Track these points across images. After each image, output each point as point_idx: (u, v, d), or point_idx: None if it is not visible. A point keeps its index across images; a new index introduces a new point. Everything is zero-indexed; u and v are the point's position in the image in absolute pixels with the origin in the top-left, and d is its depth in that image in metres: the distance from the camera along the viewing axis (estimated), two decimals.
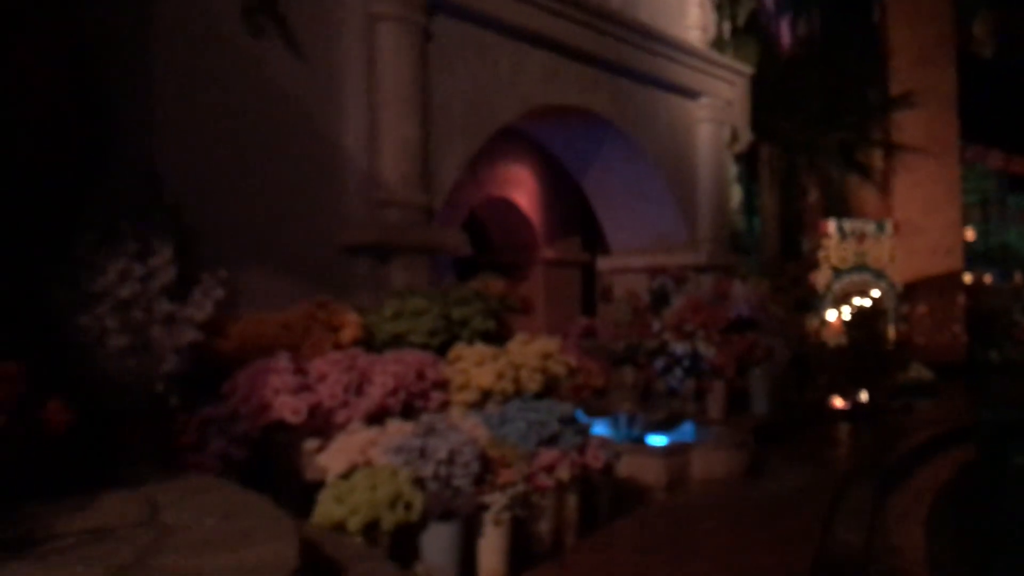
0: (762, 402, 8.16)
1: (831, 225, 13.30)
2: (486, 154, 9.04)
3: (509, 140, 9.00)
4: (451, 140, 5.80)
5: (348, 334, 4.52)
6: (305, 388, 3.94)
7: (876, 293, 13.15)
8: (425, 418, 4.12)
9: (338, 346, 4.51)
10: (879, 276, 13.26)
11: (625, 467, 5.72)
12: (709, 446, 6.12)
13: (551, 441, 4.61)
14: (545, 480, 4.36)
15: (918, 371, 12.76)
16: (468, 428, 4.35)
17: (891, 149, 14.57)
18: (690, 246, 8.79)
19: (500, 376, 4.88)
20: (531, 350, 5.24)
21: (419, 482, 3.75)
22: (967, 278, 17.30)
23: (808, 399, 9.77)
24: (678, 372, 7.89)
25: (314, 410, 3.92)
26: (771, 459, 6.80)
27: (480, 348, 4.94)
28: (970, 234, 22.38)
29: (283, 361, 3.96)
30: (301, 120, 5.03)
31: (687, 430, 6.85)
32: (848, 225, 13.42)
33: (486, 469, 4.00)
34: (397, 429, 4.06)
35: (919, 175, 15.36)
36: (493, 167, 9.16)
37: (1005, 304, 18.53)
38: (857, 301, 13.16)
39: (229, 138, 4.69)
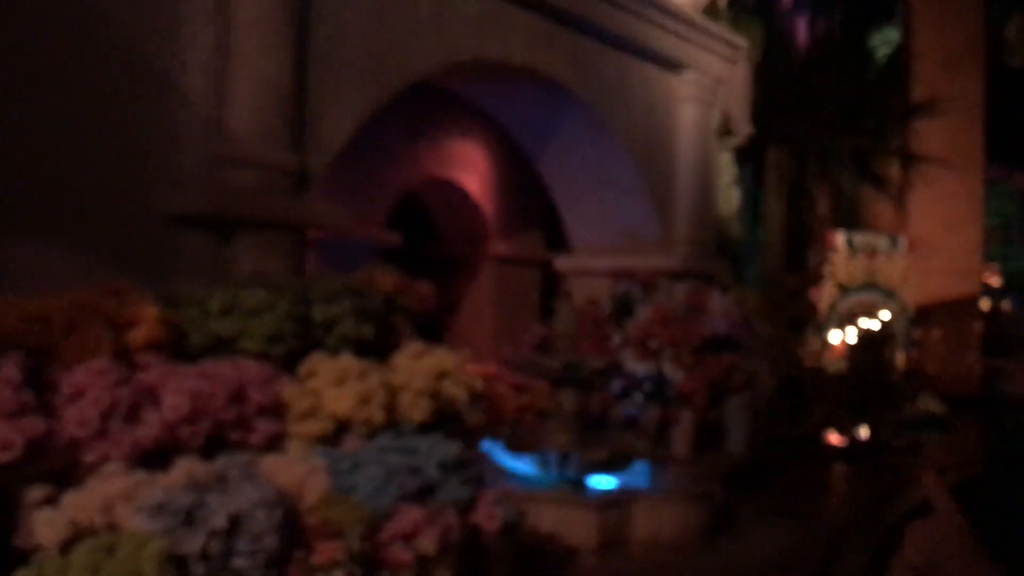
0: (739, 438, 7.07)
1: (839, 238, 12.54)
2: (426, 124, 7.96)
3: (455, 110, 7.90)
4: (341, 88, 4.68)
5: (142, 334, 3.39)
6: (35, 409, 2.79)
7: (885, 315, 12.44)
8: (222, 461, 2.97)
9: (126, 350, 3.35)
10: (889, 296, 12.58)
11: (548, 521, 4.66)
12: (658, 497, 5.00)
13: (423, 495, 3.48)
14: (401, 553, 3.23)
15: (927, 403, 11.97)
16: (296, 476, 3.21)
17: (910, 160, 14.08)
18: (663, 247, 7.68)
19: (365, 400, 3.77)
20: (423, 367, 4.14)
21: (180, 562, 2.59)
22: (984, 304, 16.61)
23: (800, 434, 8.68)
24: (638, 397, 6.79)
25: (45, 443, 2.77)
26: (743, 512, 5.75)
27: (345, 362, 3.84)
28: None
29: (6, 369, 2.81)
30: (118, 45, 3.90)
31: (641, 472, 5.77)
32: (858, 239, 12.75)
33: (296, 542, 2.84)
34: (176, 476, 2.91)
35: (939, 190, 14.72)
36: (435, 141, 8.06)
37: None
38: (864, 323, 12.43)
39: (5, 65, 3.58)
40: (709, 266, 8.00)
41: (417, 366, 4.13)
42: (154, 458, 3.12)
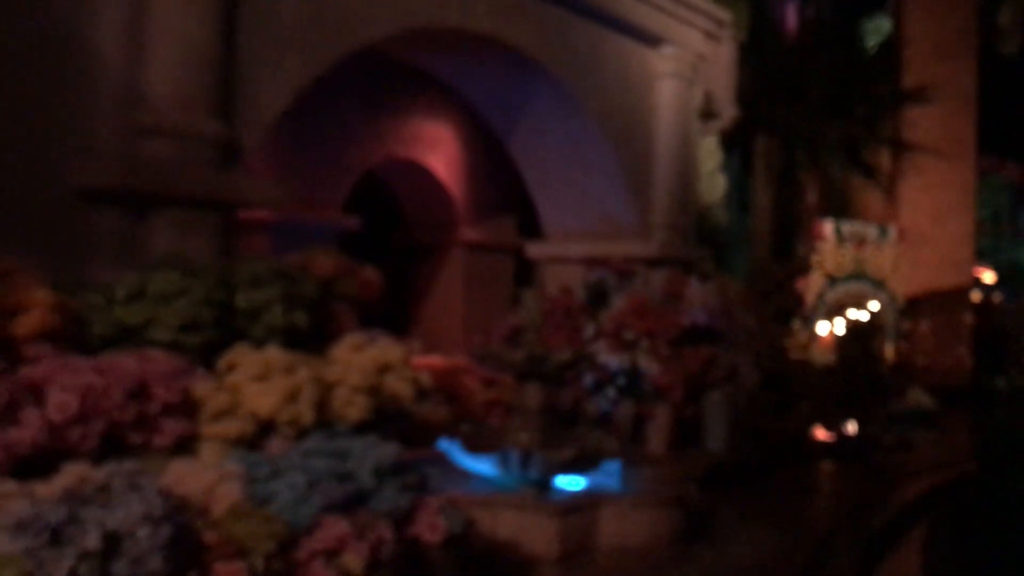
0: (719, 435, 6.75)
1: (828, 227, 12.48)
2: (388, 100, 7.58)
3: (419, 85, 7.55)
4: (279, 53, 4.31)
5: (31, 321, 3.01)
6: None
7: (874, 306, 12.36)
8: (107, 469, 2.61)
9: (11, 340, 2.98)
10: (879, 287, 12.52)
11: (507, 529, 4.32)
12: (627, 501, 4.66)
13: (353, 504, 3.14)
14: (322, 571, 2.88)
15: (918, 397, 11.78)
16: (204, 484, 2.87)
17: (900, 148, 14.00)
18: (640, 233, 7.35)
19: (291, 397, 3.43)
20: (363, 360, 3.80)
21: None
22: (975, 296, 16.55)
23: (785, 430, 8.35)
24: (611, 392, 6.45)
25: None
26: (721, 516, 5.41)
27: (270, 354, 3.50)
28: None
29: None
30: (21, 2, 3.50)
31: (612, 472, 5.43)
32: (847, 228, 12.70)
33: (192, 562, 2.48)
34: (52, 487, 2.55)
35: (930, 179, 14.64)
36: (398, 119, 7.70)
37: (1015, 326, 17.66)
38: (853, 314, 12.22)
39: None
40: (689, 253, 7.67)
41: (357, 359, 3.79)
42: (36, 464, 2.76)
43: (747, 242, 13.13)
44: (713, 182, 10.01)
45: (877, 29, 16.44)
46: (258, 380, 3.38)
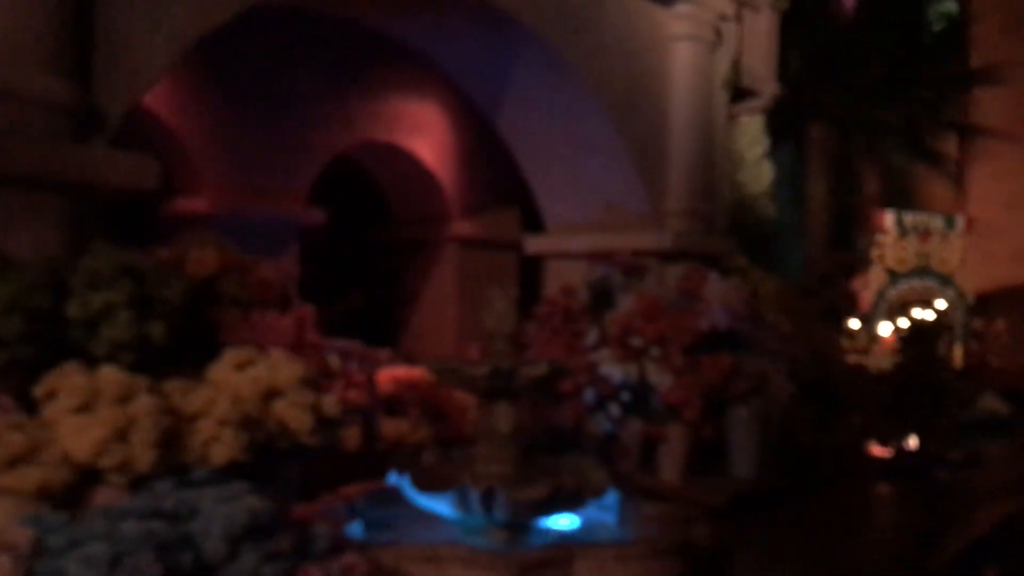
0: (746, 458, 5.91)
1: (888, 218, 11.91)
2: (358, 76, 6.88)
3: (395, 59, 6.80)
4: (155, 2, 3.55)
5: None
6: None
7: (941, 304, 11.77)
8: None
9: None
10: (945, 283, 11.97)
11: None
12: (611, 552, 3.87)
13: None
14: None
15: (990, 404, 11.05)
16: None
17: (968, 133, 13.68)
18: (652, 223, 6.51)
19: (120, 435, 2.70)
20: (244, 382, 3.06)
21: None
22: None
23: (832, 447, 7.46)
24: (614, 409, 5.65)
25: None
26: (741, 559, 4.58)
27: (102, 377, 2.76)
28: None
29: None
30: None
31: (610, 506, 4.66)
32: (909, 219, 12.14)
33: None
34: None
35: (1001, 165, 14.14)
36: (372, 97, 7.03)
37: None
38: (917, 313, 11.45)
39: None
40: (712, 245, 6.83)
41: (238, 381, 3.05)
42: None
43: (801, 236, 12.56)
44: (759, 170, 9.30)
45: (940, 12, 15.73)
46: (79, 412, 2.65)
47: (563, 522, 4.54)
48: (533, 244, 7.23)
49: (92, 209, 3.30)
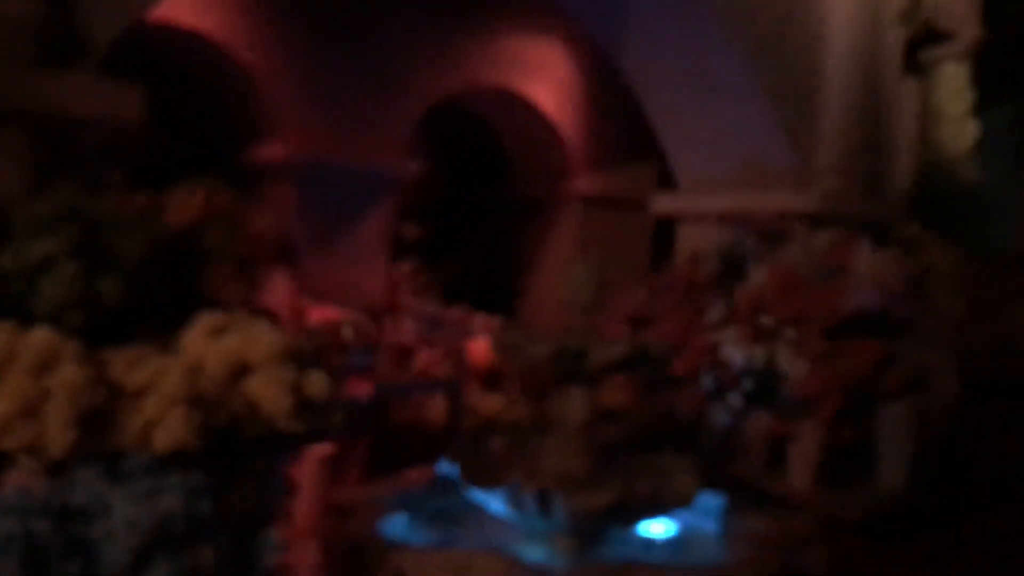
0: (897, 466, 5.07)
1: None
2: (465, 10, 6.30)
3: None
4: None
5: None
6: None
7: None
8: None
9: None
10: None
11: None
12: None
13: None
14: None
15: None
16: None
17: None
18: (799, 180, 5.67)
19: (28, 412, 2.32)
20: (212, 353, 2.64)
21: None
22: None
23: (1013, 458, 6.42)
24: (734, 399, 4.95)
25: None
26: None
27: (29, 340, 2.39)
28: None
29: None
30: None
31: (711, 511, 4.09)
32: None
33: None
34: None
35: None
36: (482, 36, 6.45)
37: None
38: None
39: None
40: (871, 209, 5.91)
41: (210, 351, 2.63)
42: None
43: (1015, 207, 11.26)
44: (961, 128, 8.20)
45: None
46: None
47: (656, 528, 3.95)
48: (661, 203, 6.51)
49: (64, 145, 2.93)
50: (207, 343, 2.61)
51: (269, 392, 2.53)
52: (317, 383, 2.63)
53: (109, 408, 2.39)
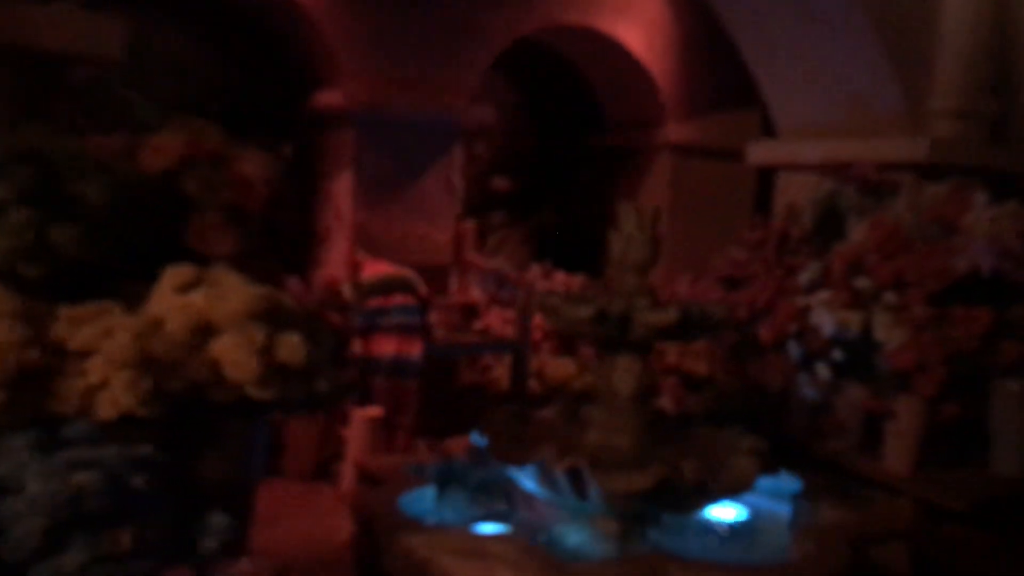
0: (1010, 450, 4.55)
1: None
2: None
3: None
4: None
5: None
6: None
7: None
8: None
9: None
10: None
11: None
12: (716, 570, 2.93)
13: None
14: None
15: None
16: None
17: None
18: (909, 125, 5.13)
19: None
20: (173, 310, 2.48)
21: None
22: None
23: None
24: (822, 370, 4.54)
25: None
26: None
27: None
28: None
29: None
30: None
31: (787, 493, 3.79)
32: None
33: None
34: None
35: None
36: None
37: None
38: None
39: None
40: (991, 159, 5.31)
41: (167, 309, 2.45)
42: None
43: None
44: None
45: None
46: None
47: (723, 514, 3.62)
48: (757, 152, 6.02)
49: (36, 82, 2.77)
50: (175, 298, 2.42)
51: (234, 355, 2.32)
52: (290, 346, 2.40)
53: (48, 370, 2.22)
